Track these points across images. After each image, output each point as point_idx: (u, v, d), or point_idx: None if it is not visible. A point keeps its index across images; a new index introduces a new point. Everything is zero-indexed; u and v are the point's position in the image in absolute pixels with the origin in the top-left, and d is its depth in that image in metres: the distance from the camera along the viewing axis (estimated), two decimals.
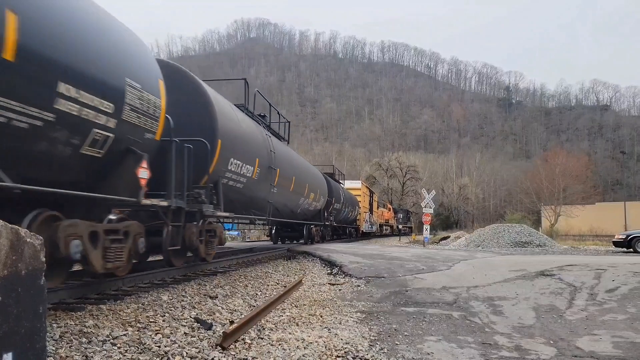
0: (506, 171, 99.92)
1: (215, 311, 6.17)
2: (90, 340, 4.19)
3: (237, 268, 10.96)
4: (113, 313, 5.11)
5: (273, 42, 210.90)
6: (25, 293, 1.94)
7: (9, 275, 1.84)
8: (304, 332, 5.74)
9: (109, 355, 3.92)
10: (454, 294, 8.70)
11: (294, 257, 15.03)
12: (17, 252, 1.91)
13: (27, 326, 1.95)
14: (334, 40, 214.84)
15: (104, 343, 4.18)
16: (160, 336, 4.65)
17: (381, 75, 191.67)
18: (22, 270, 1.93)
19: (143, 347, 4.27)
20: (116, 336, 4.39)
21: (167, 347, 4.36)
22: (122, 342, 4.28)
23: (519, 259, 14.24)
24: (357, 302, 8.14)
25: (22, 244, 1.94)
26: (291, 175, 15.09)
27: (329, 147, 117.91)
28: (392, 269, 11.47)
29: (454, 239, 29.50)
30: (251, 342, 5.01)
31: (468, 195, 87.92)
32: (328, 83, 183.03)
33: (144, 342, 4.36)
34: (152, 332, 4.71)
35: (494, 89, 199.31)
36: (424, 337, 5.85)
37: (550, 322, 6.74)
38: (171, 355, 4.20)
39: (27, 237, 1.99)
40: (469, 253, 16.88)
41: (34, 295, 1.99)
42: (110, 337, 4.35)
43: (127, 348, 4.16)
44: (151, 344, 4.38)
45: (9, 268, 1.86)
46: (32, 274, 1.98)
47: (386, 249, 18.19)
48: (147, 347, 4.28)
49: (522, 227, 25.40)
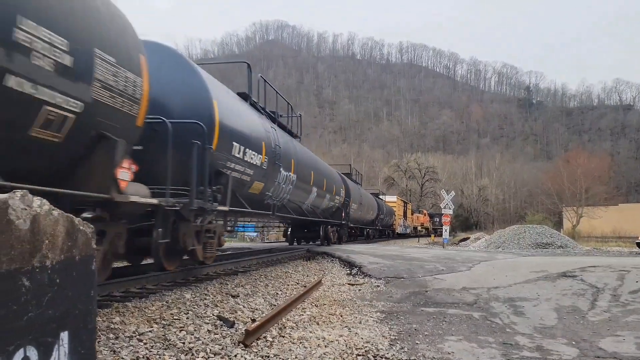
0: (527, 172, 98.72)
1: (237, 309, 6.26)
2: (118, 336, 4.29)
3: (258, 268, 11.06)
4: (138, 310, 5.22)
5: (291, 44, 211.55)
6: (79, 277, 2.07)
7: (65, 260, 1.97)
8: (324, 331, 5.80)
9: (136, 350, 4.02)
10: (474, 295, 8.68)
11: (313, 257, 15.10)
12: (72, 239, 2.04)
13: (80, 308, 2.08)
14: (352, 42, 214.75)
15: (131, 339, 4.29)
16: (185, 333, 4.74)
17: (399, 76, 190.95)
18: (76, 256, 2.06)
19: (168, 343, 4.37)
20: (142, 332, 4.49)
21: (191, 344, 4.46)
22: (147, 338, 4.38)
23: (540, 260, 14.12)
24: (377, 302, 8.17)
25: (76, 232, 2.07)
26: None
27: (347, 149, 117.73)
28: (411, 270, 11.47)
29: (473, 240, 29.29)
30: (273, 340, 5.09)
31: (488, 196, 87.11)
32: (346, 84, 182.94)
33: (168, 339, 4.46)
34: (177, 329, 4.81)
35: (514, 89, 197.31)
36: (444, 337, 5.86)
37: (572, 322, 6.70)
38: (195, 351, 4.28)
39: (81, 225, 2.12)
40: (489, 254, 16.77)
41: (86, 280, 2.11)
42: (136, 333, 4.46)
43: (153, 344, 4.26)
44: (176, 340, 4.47)
45: (65, 253, 1.99)
46: (84, 260, 2.11)
47: (405, 250, 18.16)
48: (172, 343, 4.38)
49: (543, 228, 25.12)
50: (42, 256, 1.86)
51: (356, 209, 24.49)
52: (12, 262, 1.76)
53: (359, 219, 26.78)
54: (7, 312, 1.73)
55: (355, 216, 25.05)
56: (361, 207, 26.11)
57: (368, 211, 28.69)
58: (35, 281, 1.83)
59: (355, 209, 24.09)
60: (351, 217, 23.40)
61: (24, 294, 1.79)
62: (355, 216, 25.05)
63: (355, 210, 24.17)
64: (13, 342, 1.75)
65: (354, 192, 23.68)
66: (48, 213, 1.92)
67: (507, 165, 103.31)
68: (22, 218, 1.78)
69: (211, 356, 4.25)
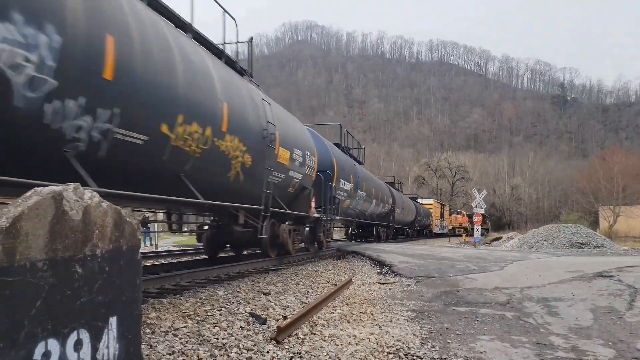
0: (561, 171, 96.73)
1: (268, 307, 6.34)
2: (154, 331, 4.41)
3: (289, 266, 11.15)
4: (173, 306, 5.34)
5: (320, 44, 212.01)
6: (126, 266, 2.18)
7: (113, 249, 2.09)
8: (355, 329, 5.82)
9: (171, 345, 4.12)
10: (507, 295, 8.57)
11: (344, 256, 15.12)
12: (120, 229, 2.16)
13: (127, 295, 2.20)
14: (382, 41, 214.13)
15: (166, 334, 4.39)
16: (218, 329, 4.83)
17: (429, 74, 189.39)
18: (123, 246, 2.18)
19: (202, 338, 4.46)
20: (177, 328, 4.60)
21: (225, 340, 4.54)
22: (182, 333, 4.49)
23: (575, 260, 13.82)
24: (408, 301, 8.14)
25: (124, 223, 2.19)
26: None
27: (376, 148, 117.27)
28: (442, 269, 11.38)
29: (506, 240, 28.82)
30: (304, 337, 5.14)
31: (521, 195, 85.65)
32: (375, 84, 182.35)
33: (202, 334, 4.56)
34: (210, 325, 4.91)
35: (548, 86, 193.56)
36: (476, 336, 5.81)
37: (608, 323, 6.56)
38: (228, 347, 4.36)
39: (127, 217, 2.23)
40: (522, 254, 16.50)
41: (132, 269, 2.23)
42: (171, 328, 4.57)
43: (188, 339, 4.36)
44: (210, 336, 4.57)
45: (114, 243, 2.11)
46: (131, 250, 2.22)
47: (436, 250, 18.02)
48: (206, 338, 4.47)
49: (578, 227, 24.55)
50: (93, 245, 1.98)
51: (399, 212, 28.88)
52: (67, 250, 1.89)
53: (401, 220, 31.06)
54: (62, 297, 1.85)
55: (399, 218, 29.36)
56: (403, 211, 30.65)
57: (408, 214, 33.63)
58: (86, 268, 1.95)
59: (398, 212, 28.49)
60: (395, 219, 28.10)
61: (77, 280, 1.91)
62: (399, 218, 29.36)
63: (398, 213, 28.56)
64: (68, 325, 1.87)
65: (398, 199, 28.50)
66: (98, 205, 2.03)
67: (540, 164, 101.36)
68: (75, 209, 1.90)
69: (244, 352, 4.32)
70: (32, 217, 1.72)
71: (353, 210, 18.46)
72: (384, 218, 25.25)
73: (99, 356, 2.03)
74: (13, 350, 1.63)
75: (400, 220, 30.25)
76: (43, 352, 1.77)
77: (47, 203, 1.81)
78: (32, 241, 1.71)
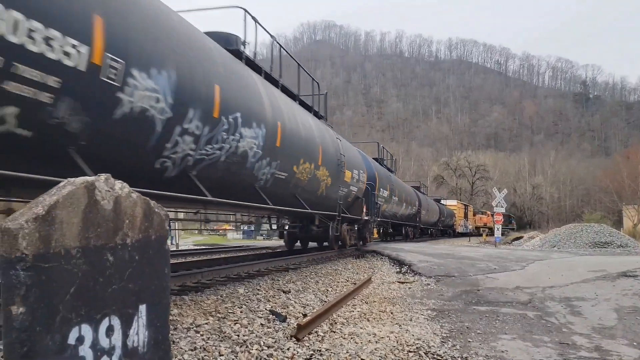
0: (584, 169, 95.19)
1: (288, 305, 6.37)
2: (176, 327, 4.46)
3: (308, 265, 11.18)
4: (195, 303, 5.40)
5: (339, 44, 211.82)
6: (155, 255, 2.26)
7: (143, 238, 2.17)
8: (375, 327, 5.82)
9: (193, 341, 4.17)
10: (529, 294, 8.48)
11: (363, 255, 15.11)
12: (149, 219, 2.24)
13: (156, 284, 2.27)
14: (400, 40, 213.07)
15: (188, 330, 4.45)
16: (239, 326, 4.88)
17: (449, 73, 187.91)
18: (152, 236, 2.26)
19: (223, 335, 4.50)
20: (199, 324, 4.65)
21: (246, 337, 4.58)
22: (204, 330, 4.53)
23: (598, 259, 13.62)
24: (428, 300, 8.11)
25: (152, 214, 2.27)
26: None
27: (395, 147, 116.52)
28: (462, 268, 11.30)
29: (527, 239, 28.50)
30: (324, 335, 5.15)
31: (542, 194, 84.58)
32: (394, 83, 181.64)
33: (224, 331, 4.60)
34: (231, 322, 4.95)
35: (569, 83, 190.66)
36: (497, 335, 5.77)
37: (633, 323, 6.45)
38: (249, 344, 4.40)
39: (156, 207, 2.30)
40: (544, 253, 16.30)
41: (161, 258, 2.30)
42: (193, 325, 4.62)
43: (209, 335, 4.41)
44: (231, 332, 4.61)
45: (143, 233, 2.19)
46: (159, 239, 2.29)
47: (456, 249, 17.90)
48: (227, 335, 4.51)
49: (601, 226, 24.16)
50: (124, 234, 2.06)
51: (424, 214, 31.34)
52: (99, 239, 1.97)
53: (426, 221, 33.47)
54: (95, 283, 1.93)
55: (424, 219, 31.75)
56: (428, 212, 33.12)
57: (432, 215, 36.13)
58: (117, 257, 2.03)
59: (424, 214, 30.99)
60: (421, 220, 30.64)
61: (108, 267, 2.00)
62: (424, 219, 31.75)
63: (424, 215, 31.03)
64: (100, 311, 1.95)
65: (423, 201, 31.18)
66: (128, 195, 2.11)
67: (562, 163, 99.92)
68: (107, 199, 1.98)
69: (265, 349, 4.36)
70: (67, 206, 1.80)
71: (388, 213, 21.67)
72: (412, 219, 28.19)
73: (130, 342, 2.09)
74: (49, 335, 1.70)
75: (425, 221, 32.81)
76: (77, 337, 1.85)
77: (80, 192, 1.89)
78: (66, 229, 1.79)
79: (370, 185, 17.02)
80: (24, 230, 1.64)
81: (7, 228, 1.65)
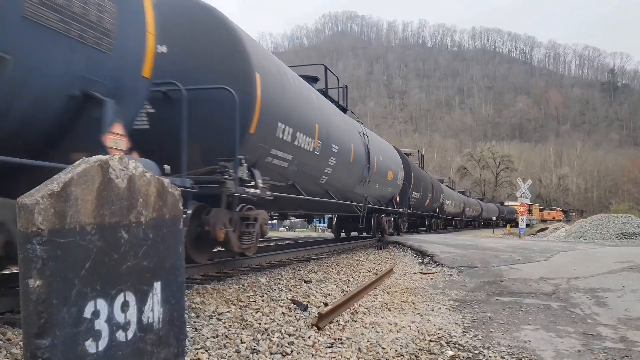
0: (611, 160, 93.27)
1: (309, 294, 6.40)
2: (199, 315, 4.53)
3: (329, 255, 11.21)
4: (217, 292, 5.46)
5: (361, 35, 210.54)
6: (169, 234, 2.32)
7: (157, 217, 2.25)
8: (396, 317, 5.83)
9: (215, 329, 4.23)
10: (553, 285, 8.38)
11: (385, 246, 15.08)
12: (162, 199, 2.31)
13: (170, 262, 2.35)
14: (423, 30, 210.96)
15: (210, 318, 4.51)
16: (260, 314, 4.92)
17: (472, 63, 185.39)
18: (166, 214, 2.33)
19: (245, 323, 4.55)
20: (221, 312, 4.71)
21: (267, 325, 4.62)
22: (226, 318, 4.59)
23: (625, 250, 13.36)
24: (450, 290, 8.08)
25: (166, 193, 2.33)
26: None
27: (418, 139, 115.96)
28: (485, 259, 11.21)
29: (552, 231, 28.14)
30: (345, 324, 5.17)
31: (568, 185, 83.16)
32: (417, 73, 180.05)
33: (245, 319, 4.65)
34: (253, 311, 5.00)
35: (597, 72, 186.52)
36: (520, 325, 5.72)
37: None
38: (271, 332, 4.44)
39: (169, 187, 2.36)
40: (569, 244, 16.06)
41: (175, 237, 2.38)
42: (215, 313, 4.68)
43: (231, 323, 4.46)
44: (252, 321, 4.66)
45: (157, 212, 2.26)
46: (173, 219, 2.36)
47: (479, 240, 17.74)
48: (248, 323, 4.56)
49: (629, 217, 23.70)
50: (138, 213, 2.13)
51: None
52: (113, 216, 2.02)
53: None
54: (110, 259, 2.00)
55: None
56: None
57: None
58: (132, 234, 2.10)
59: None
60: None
61: (123, 245, 2.06)
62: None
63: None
64: (115, 287, 2.02)
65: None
66: (142, 174, 2.17)
67: (589, 153, 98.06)
68: (121, 177, 2.05)
69: (286, 337, 4.40)
70: (81, 183, 1.86)
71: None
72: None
73: (145, 318, 2.15)
74: (65, 307, 1.77)
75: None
76: (92, 311, 1.91)
77: (94, 170, 1.94)
78: (81, 206, 1.85)
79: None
80: (40, 205, 1.70)
81: (24, 204, 1.71)
